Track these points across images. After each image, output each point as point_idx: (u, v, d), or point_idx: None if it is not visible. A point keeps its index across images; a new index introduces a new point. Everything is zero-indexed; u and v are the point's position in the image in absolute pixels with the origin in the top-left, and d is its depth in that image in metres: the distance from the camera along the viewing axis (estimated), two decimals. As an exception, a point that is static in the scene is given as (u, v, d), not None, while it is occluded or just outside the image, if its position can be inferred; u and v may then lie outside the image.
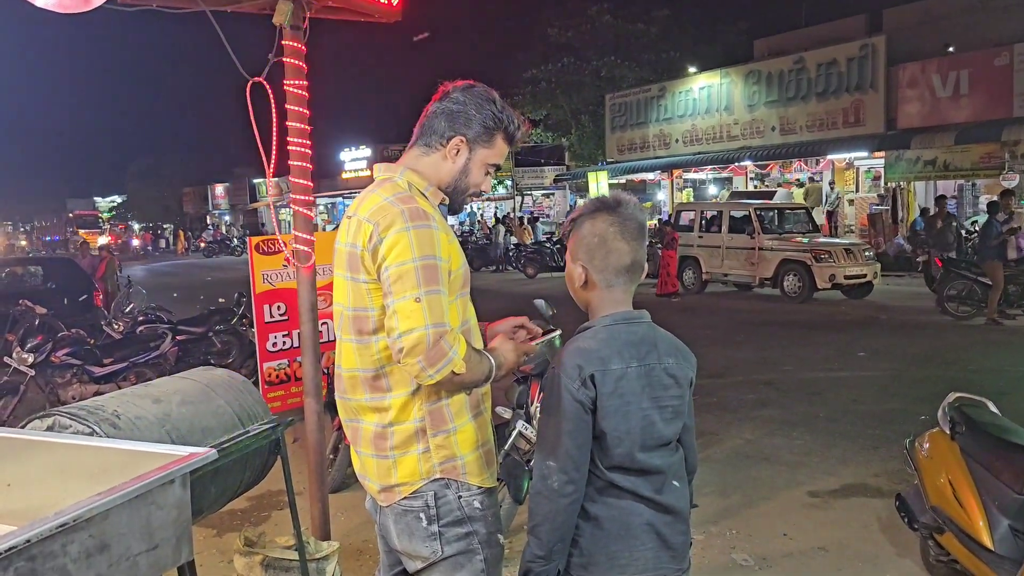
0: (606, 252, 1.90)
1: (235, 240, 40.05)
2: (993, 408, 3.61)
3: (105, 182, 74.35)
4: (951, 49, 17.95)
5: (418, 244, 1.93)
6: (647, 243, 1.99)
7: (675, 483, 1.92)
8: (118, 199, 71.02)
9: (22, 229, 67.97)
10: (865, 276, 14.09)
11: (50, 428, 2.42)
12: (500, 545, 2.12)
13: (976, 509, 3.12)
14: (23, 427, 2.48)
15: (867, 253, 14.58)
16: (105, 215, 65.79)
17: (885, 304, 13.60)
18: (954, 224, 15.16)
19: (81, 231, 52.19)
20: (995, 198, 12.02)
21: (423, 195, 2.09)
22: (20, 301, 9.97)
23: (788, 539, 4.31)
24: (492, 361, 2.05)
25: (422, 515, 2.02)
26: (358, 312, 2.05)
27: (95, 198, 73.15)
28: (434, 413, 2.02)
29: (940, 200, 15.67)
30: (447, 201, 2.18)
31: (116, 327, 9.16)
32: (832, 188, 21.41)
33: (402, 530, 2.05)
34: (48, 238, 55.21)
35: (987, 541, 3.03)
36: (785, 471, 5.39)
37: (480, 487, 2.08)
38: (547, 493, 1.80)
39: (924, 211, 18.66)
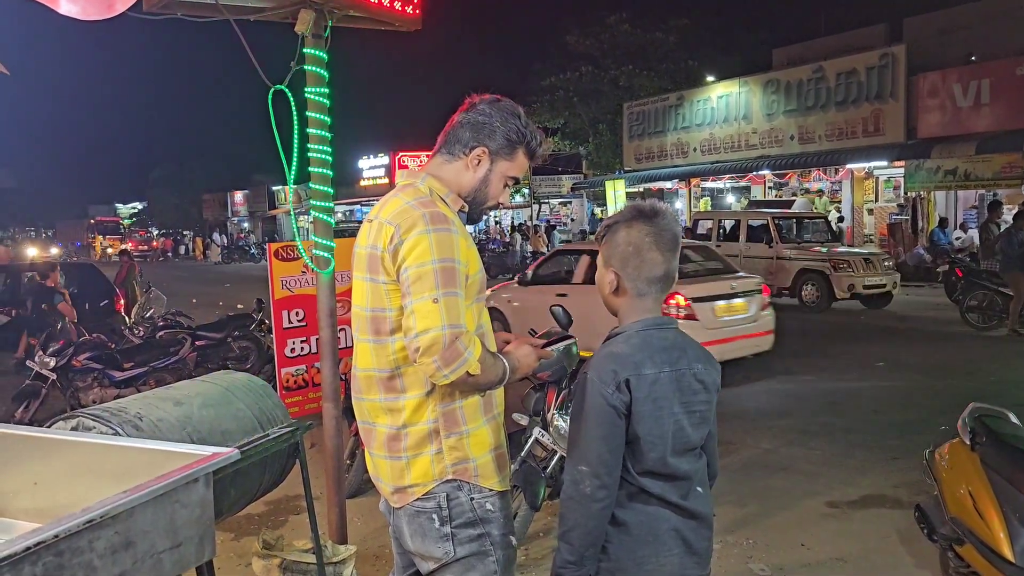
0: (640, 261, 1.91)
1: (252, 247, 40.16)
2: (1014, 419, 3.58)
3: (126, 188, 74.95)
4: (973, 58, 17.81)
5: (438, 247, 1.96)
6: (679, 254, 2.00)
7: (699, 489, 1.94)
8: (139, 205, 71.69)
9: (45, 235, 68.74)
10: (884, 286, 13.97)
11: (74, 429, 2.45)
12: (513, 547, 2.14)
13: (996, 520, 3.09)
14: (48, 428, 2.52)
15: (886, 263, 14.46)
16: (126, 221, 66.39)
17: (905, 314, 13.50)
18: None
19: (100, 237, 52.61)
20: (1016, 208, 11.88)
21: (443, 201, 2.13)
22: (43, 305, 10.11)
23: (806, 549, 4.29)
24: (506, 364, 2.07)
25: (435, 516, 2.04)
26: (376, 313, 2.08)
27: (116, 204, 73.86)
28: (448, 415, 2.05)
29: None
30: (466, 209, 2.21)
31: (136, 332, 9.25)
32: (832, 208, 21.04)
33: (415, 531, 2.07)
34: (61, 244, 55.61)
35: (1007, 553, 3.00)
36: (803, 481, 5.36)
37: (492, 489, 2.10)
38: (579, 498, 1.81)
39: (943, 221, 18.52)
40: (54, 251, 31.51)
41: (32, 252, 27.26)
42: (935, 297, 14.91)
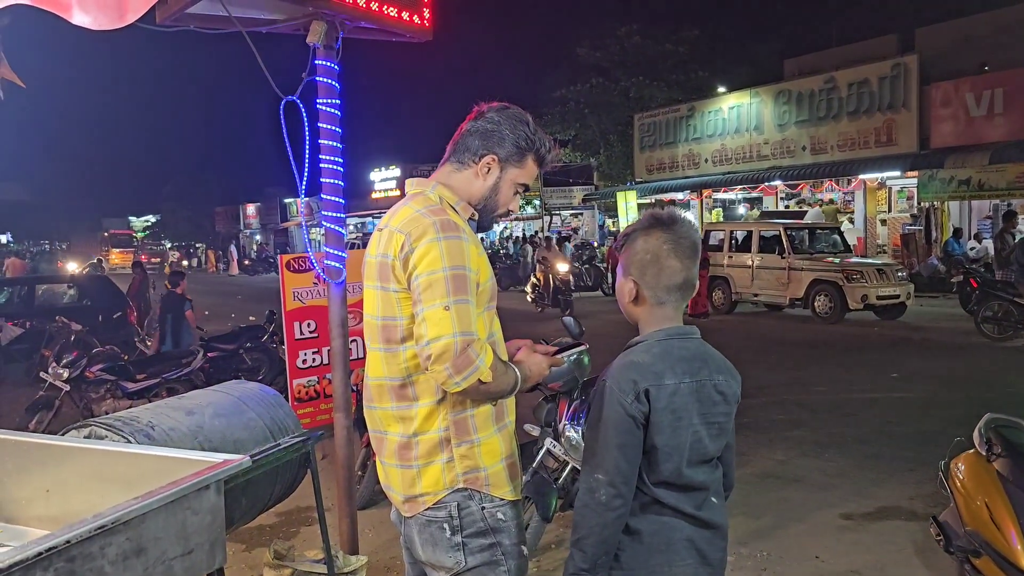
0: (659, 269, 1.90)
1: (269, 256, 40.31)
2: (1031, 429, 3.54)
3: (140, 201, 75.45)
4: (987, 68, 17.73)
5: (448, 254, 1.96)
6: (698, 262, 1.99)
7: (714, 499, 1.92)
8: (152, 218, 72.20)
9: (60, 248, 69.36)
10: (898, 296, 13.89)
11: (86, 438, 2.46)
12: (524, 557, 2.12)
13: (1014, 532, 3.05)
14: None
15: (900, 273, 14.38)
16: (139, 234, 66.90)
17: (919, 325, 13.40)
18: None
19: (114, 250, 53.01)
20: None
21: (453, 209, 2.13)
22: (56, 318, 10.19)
23: (820, 562, 4.25)
24: (518, 373, 2.07)
25: (445, 525, 2.04)
26: (387, 321, 2.08)
27: (130, 217, 74.45)
28: (459, 423, 2.04)
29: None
30: (476, 217, 2.22)
31: (149, 344, 9.31)
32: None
33: (426, 540, 2.06)
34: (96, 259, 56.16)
35: (1026, 565, 2.96)
36: (817, 493, 5.32)
37: (504, 499, 2.09)
38: (594, 507, 1.80)
39: (957, 231, 18.42)
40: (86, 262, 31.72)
41: (72, 266, 27.58)
42: (950, 308, 14.81)
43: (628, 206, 24.94)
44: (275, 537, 4.68)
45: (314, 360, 6.23)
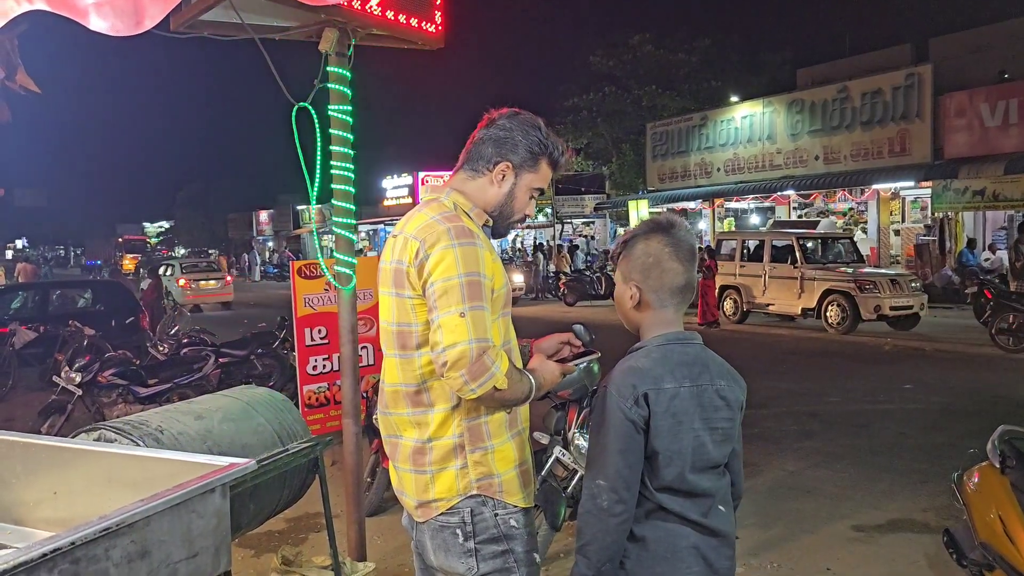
0: (661, 272, 1.91)
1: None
2: (1045, 441, 3.50)
3: (154, 208, 76.03)
4: (1007, 76, 17.60)
5: (463, 261, 1.96)
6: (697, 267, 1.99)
7: (721, 507, 1.91)
8: (166, 224, 72.71)
9: (74, 253, 69.84)
10: (911, 307, 13.78)
11: (96, 441, 2.47)
12: (536, 564, 2.12)
13: (1028, 545, 3.02)
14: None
15: (913, 284, 14.27)
16: (153, 240, 67.39)
17: (932, 336, 13.30)
18: None
19: (128, 255, 53.37)
20: None
21: (468, 215, 2.13)
22: (70, 322, 10.26)
23: (832, 574, 4.21)
24: (532, 381, 2.06)
25: (458, 531, 2.03)
26: (402, 327, 2.08)
27: (144, 223, 75.02)
28: (473, 429, 2.04)
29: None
30: (491, 223, 2.22)
31: (161, 349, 9.32)
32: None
33: (438, 546, 2.06)
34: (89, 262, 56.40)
35: (1039, 578, 2.92)
36: (829, 504, 5.28)
37: (517, 506, 2.08)
38: (596, 512, 1.79)
39: (971, 241, 18.29)
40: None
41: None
42: (964, 319, 14.69)
43: (640, 215, 24.88)
44: (283, 543, 4.67)
45: (324, 366, 6.24)
